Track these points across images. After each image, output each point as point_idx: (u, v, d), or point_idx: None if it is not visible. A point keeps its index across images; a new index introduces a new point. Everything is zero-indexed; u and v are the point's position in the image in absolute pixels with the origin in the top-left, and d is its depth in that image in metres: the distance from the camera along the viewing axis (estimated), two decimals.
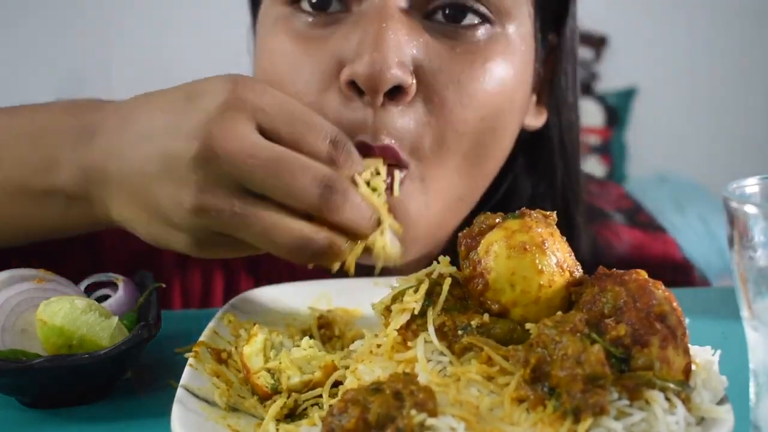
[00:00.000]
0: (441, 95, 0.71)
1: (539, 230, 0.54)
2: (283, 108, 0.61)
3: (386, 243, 0.64)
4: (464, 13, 0.71)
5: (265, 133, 0.60)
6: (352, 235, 0.62)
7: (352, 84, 0.68)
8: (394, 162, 0.69)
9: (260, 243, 0.61)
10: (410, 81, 0.68)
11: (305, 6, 0.73)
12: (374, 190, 0.65)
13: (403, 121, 0.69)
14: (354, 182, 0.64)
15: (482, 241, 0.54)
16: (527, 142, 0.86)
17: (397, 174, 0.70)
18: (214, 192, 0.59)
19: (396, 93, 0.68)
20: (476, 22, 0.72)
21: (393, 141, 0.69)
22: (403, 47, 0.68)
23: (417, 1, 0.71)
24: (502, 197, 0.86)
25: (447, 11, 0.71)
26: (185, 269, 0.90)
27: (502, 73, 0.73)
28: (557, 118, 0.85)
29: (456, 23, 0.71)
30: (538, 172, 0.88)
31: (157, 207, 0.62)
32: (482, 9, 0.72)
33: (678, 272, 1.01)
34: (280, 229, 0.59)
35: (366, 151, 0.68)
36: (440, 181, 0.73)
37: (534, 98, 0.85)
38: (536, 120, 0.85)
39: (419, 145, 0.71)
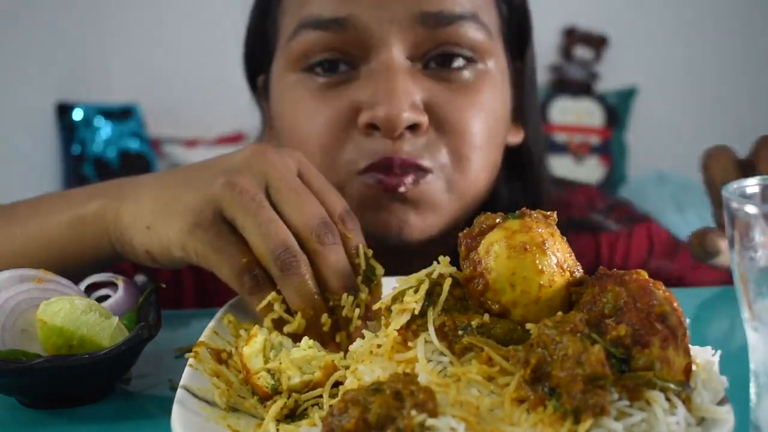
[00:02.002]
0: (450, 122, 0.85)
1: (539, 230, 0.53)
2: (319, 173, 0.73)
3: (354, 315, 0.66)
4: (452, 58, 0.86)
5: (300, 178, 0.71)
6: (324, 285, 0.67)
7: (371, 125, 0.82)
8: (414, 169, 0.82)
9: (255, 234, 0.65)
10: (423, 119, 0.83)
11: (318, 70, 0.86)
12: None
13: (419, 143, 0.83)
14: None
15: (482, 242, 0.54)
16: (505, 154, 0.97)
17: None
18: (248, 178, 0.68)
19: (412, 128, 0.82)
20: (462, 64, 0.87)
21: (412, 156, 0.82)
22: (412, 93, 0.82)
23: (415, 55, 0.85)
24: (486, 203, 0.95)
25: (439, 59, 0.86)
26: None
27: (491, 101, 0.88)
28: (527, 133, 0.98)
29: (448, 68, 0.86)
30: (513, 180, 0.99)
31: (184, 186, 0.70)
32: (466, 53, 0.86)
33: (669, 252, 1.07)
34: (276, 225, 0.66)
35: (388, 164, 0.81)
36: (463, 186, 0.86)
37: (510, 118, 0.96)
38: (515, 137, 0.98)
39: (438, 156, 0.84)
